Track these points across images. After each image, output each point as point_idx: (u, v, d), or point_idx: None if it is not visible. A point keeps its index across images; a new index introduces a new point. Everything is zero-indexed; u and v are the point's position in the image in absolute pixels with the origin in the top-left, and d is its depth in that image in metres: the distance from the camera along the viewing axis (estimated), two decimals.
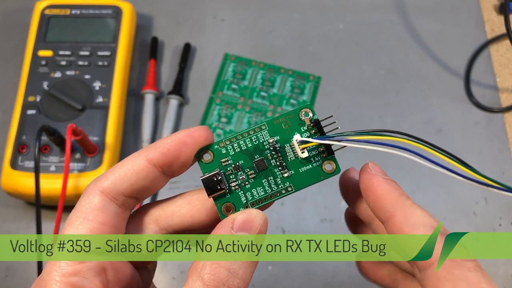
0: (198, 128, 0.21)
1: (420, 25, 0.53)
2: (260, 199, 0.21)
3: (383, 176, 0.21)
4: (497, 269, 0.42)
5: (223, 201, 0.21)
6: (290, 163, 0.22)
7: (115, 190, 0.20)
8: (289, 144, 0.22)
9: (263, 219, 0.20)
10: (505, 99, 0.50)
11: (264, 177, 0.22)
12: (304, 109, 0.22)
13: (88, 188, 0.21)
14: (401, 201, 0.21)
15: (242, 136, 0.22)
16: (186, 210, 0.22)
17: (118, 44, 0.47)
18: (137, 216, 0.22)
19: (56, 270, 0.19)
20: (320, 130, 0.22)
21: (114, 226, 0.20)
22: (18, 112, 0.44)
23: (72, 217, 0.20)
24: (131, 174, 0.20)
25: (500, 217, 0.45)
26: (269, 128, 0.22)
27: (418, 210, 0.20)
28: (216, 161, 0.21)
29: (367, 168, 0.22)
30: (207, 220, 0.22)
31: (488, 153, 0.47)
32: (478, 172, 0.19)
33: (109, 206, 0.20)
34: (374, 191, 0.21)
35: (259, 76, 0.50)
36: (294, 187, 0.22)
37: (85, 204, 0.20)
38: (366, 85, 0.50)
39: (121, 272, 0.20)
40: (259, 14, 0.54)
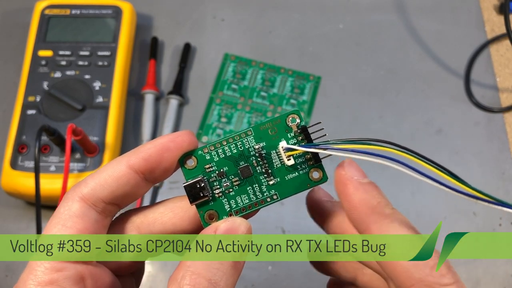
0: (181, 133, 0.20)
1: (420, 25, 0.53)
2: (244, 207, 0.21)
3: (360, 180, 0.20)
4: (497, 269, 0.42)
5: (206, 209, 0.21)
6: (276, 170, 0.21)
7: (95, 196, 0.19)
8: (275, 150, 0.21)
9: (247, 227, 0.20)
10: (505, 99, 0.50)
11: (249, 184, 0.21)
12: (291, 115, 0.21)
13: (67, 194, 0.20)
14: (377, 212, 0.19)
15: (227, 142, 0.21)
16: (168, 217, 0.21)
17: (118, 44, 0.47)
18: (119, 223, 0.21)
19: (32, 279, 0.18)
20: (307, 137, 0.21)
21: (94, 233, 0.19)
22: (18, 112, 0.44)
23: (51, 223, 0.19)
24: (111, 180, 0.20)
25: (500, 217, 0.45)
26: (255, 134, 0.21)
27: (395, 224, 0.19)
28: (199, 167, 0.21)
29: (341, 170, 0.20)
30: (190, 228, 0.21)
31: (488, 153, 0.47)
32: (467, 184, 0.18)
33: (89, 213, 0.19)
34: (348, 199, 0.20)
35: (259, 76, 0.50)
36: (279, 195, 0.21)
37: (64, 211, 0.19)
38: (366, 85, 0.50)
39: (100, 281, 0.20)
40: (259, 14, 0.54)
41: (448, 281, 0.18)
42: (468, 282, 0.42)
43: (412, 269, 0.18)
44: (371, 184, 0.20)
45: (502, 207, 0.18)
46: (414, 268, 0.18)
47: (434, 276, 0.18)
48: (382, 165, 0.22)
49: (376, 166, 0.22)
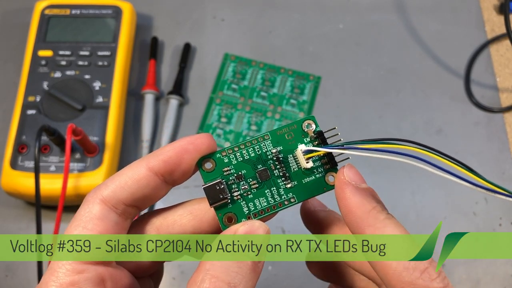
0: (200, 136, 0.21)
1: (420, 25, 0.53)
2: (262, 210, 0.21)
3: (358, 185, 0.20)
4: (497, 269, 0.42)
5: (224, 211, 0.21)
6: (293, 174, 0.21)
7: (115, 198, 0.20)
8: (292, 155, 0.21)
9: (265, 231, 0.20)
10: (505, 99, 0.50)
11: (267, 187, 0.21)
12: (307, 121, 0.22)
13: (88, 196, 0.20)
14: (372, 216, 0.19)
15: (245, 146, 0.21)
16: (187, 219, 0.21)
17: (118, 44, 0.47)
18: (138, 225, 0.22)
19: (54, 280, 0.18)
20: (324, 141, 0.21)
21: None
22: (18, 112, 0.44)
23: (72, 226, 0.19)
24: (131, 182, 0.20)
25: (500, 217, 0.45)
26: (272, 138, 0.21)
27: (389, 228, 0.19)
28: (218, 170, 0.21)
29: (341, 175, 0.20)
30: (209, 230, 0.21)
31: (488, 153, 0.47)
32: (485, 178, 0.19)
33: (109, 215, 0.20)
34: (345, 203, 0.20)
35: (259, 76, 0.50)
36: (297, 198, 0.21)
37: (84, 213, 0.19)
38: (366, 85, 0.50)
39: (120, 283, 0.20)
40: (259, 14, 0.54)
41: (437, 285, 0.18)
42: (468, 282, 0.42)
43: (403, 273, 0.18)
44: (369, 189, 0.20)
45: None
46: (405, 272, 0.18)
47: (424, 280, 0.18)
48: (383, 166, 0.22)
49: (377, 166, 0.22)
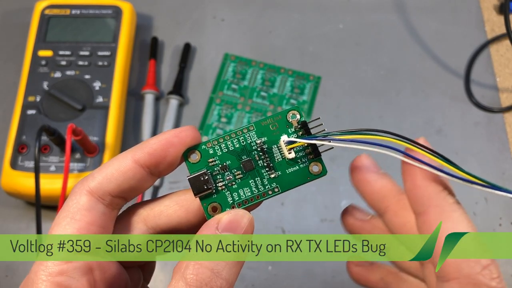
0: (185, 128, 0.21)
1: (420, 25, 0.53)
2: (246, 200, 0.21)
3: (376, 171, 0.21)
4: None
5: (209, 201, 0.21)
6: (277, 164, 0.22)
7: (102, 190, 0.20)
8: (276, 145, 0.22)
9: (249, 219, 0.20)
10: (505, 99, 0.50)
11: (251, 177, 0.22)
12: (291, 111, 0.22)
13: (75, 188, 0.20)
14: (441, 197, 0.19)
15: (230, 137, 0.22)
16: (173, 210, 0.22)
17: (118, 44, 0.47)
18: (125, 216, 0.22)
19: (43, 270, 0.19)
20: (307, 132, 0.22)
21: (102, 226, 0.20)
22: (18, 112, 0.44)
23: (60, 217, 0.20)
24: (117, 174, 0.20)
25: (500, 217, 0.45)
26: (257, 129, 0.22)
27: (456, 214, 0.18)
28: (203, 161, 0.21)
29: (357, 163, 0.21)
30: (195, 220, 0.22)
31: (488, 153, 0.47)
32: (461, 169, 0.19)
33: (96, 206, 0.20)
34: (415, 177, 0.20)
35: (259, 76, 0.50)
36: (280, 188, 0.22)
37: (72, 204, 0.20)
38: (366, 85, 0.50)
39: (108, 272, 0.20)
40: (259, 14, 0.54)
41: (497, 285, 0.17)
42: None
43: (463, 264, 0.17)
44: (386, 173, 0.21)
45: (495, 190, 0.18)
46: (464, 264, 0.17)
47: (484, 276, 0.17)
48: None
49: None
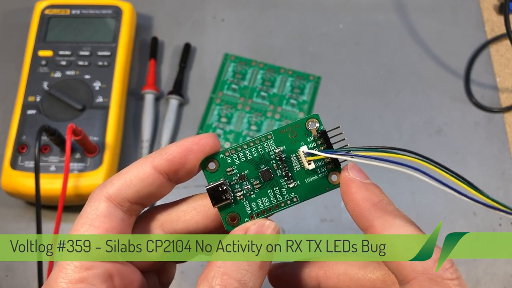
0: (205, 136, 0.21)
1: (420, 25, 0.53)
2: (265, 210, 0.21)
3: (362, 180, 0.20)
4: (497, 269, 0.42)
5: (228, 211, 0.21)
6: (296, 174, 0.21)
7: (121, 196, 0.20)
8: (295, 154, 0.21)
9: (275, 230, 0.20)
10: (505, 99, 0.50)
11: (270, 187, 0.21)
12: (311, 119, 0.22)
13: (93, 194, 0.20)
14: (380, 207, 0.20)
15: (248, 146, 0.21)
16: (191, 215, 0.22)
17: (118, 44, 0.47)
18: (143, 221, 0.22)
19: (62, 277, 0.18)
20: (327, 141, 0.21)
21: (120, 232, 0.20)
22: (18, 112, 0.44)
23: (78, 223, 0.20)
24: (136, 180, 0.20)
25: (500, 217, 0.45)
26: (275, 138, 0.22)
27: (397, 220, 0.19)
28: (221, 170, 0.21)
29: (345, 172, 0.21)
30: (212, 225, 0.22)
31: (488, 153, 0.47)
32: (487, 195, 0.19)
33: (115, 213, 0.20)
34: (351, 197, 0.20)
35: (259, 76, 0.50)
36: (299, 198, 0.21)
37: (91, 211, 0.20)
38: (366, 85, 0.50)
39: (127, 278, 0.20)
40: (259, 14, 0.54)
41: (450, 275, 0.18)
42: (468, 282, 0.42)
43: (416, 262, 0.18)
44: (373, 184, 0.21)
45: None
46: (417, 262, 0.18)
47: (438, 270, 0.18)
48: (383, 167, 0.22)
49: (377, 167, 0.22)
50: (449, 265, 0.18)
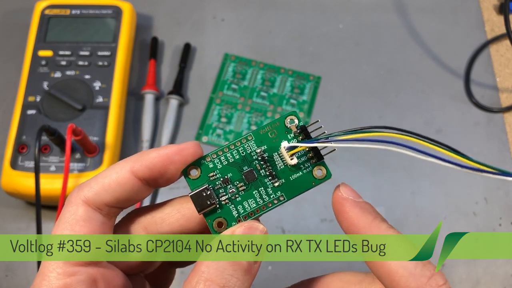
0: (187, 146, 0.20)
1: (420, 25, 0.53)
2: (252, 212, 0.21)
3: (355, 199, 0.20)
4: (497, 269, 0.42)
5: (214, 217, 0.21)
6: (280, 172, 0.21)
7: (99, 201, 0.20)
8: (277, 152, 0.21)
9: (263, 231, 0.20)
10: (505, 99, 0.50)
11: (255, 188, 0.21)
12: (289, 117, 0.21)
13: (70, 197, 0.20)
14: (374, 225, 0.19)
15: (228, 149, 0.21)
16: (175, 218, 0.21)
17: (118, 44, 0.47)
18: (125, 223, 0.22)
19: (45, 285, 0.18)
20: (307, 135, 0.21)
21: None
22: (18, 112, 0.44)
23: (58, 228, 0.19)
24: (115, 185, 0.20)
25: (500, 217, 0.45)
26: (255, 138, 0.21)
27: (392, 237, 0.19)
28: (204, 176, 0.21)
29: (338, 191, 0.20)
30: (197, 228, 0.21)
31: (488, 153, 0.47)
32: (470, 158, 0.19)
33: (94, 216, 0.20)
34: (346, 216, 0.20)
35: (259, 76, 0.50)
36: (286, 196, 0.21)
37: (69, 215, 0.19)
38: (366, 85, 0.50)
39: (112, 282, 0.20)
40: (259, 14, 0.54)
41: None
42: (468, 282, 0.42)
43: (410, 278, 0.18)
44: (367, 202, 0.20)
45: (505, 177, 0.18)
46: (411, 277, 0.18)
47: (431, 286, 0.18)
48: (383, 166, 0.22)
49: (376, 166, 0.22)
50: (442, 282, 0.18)
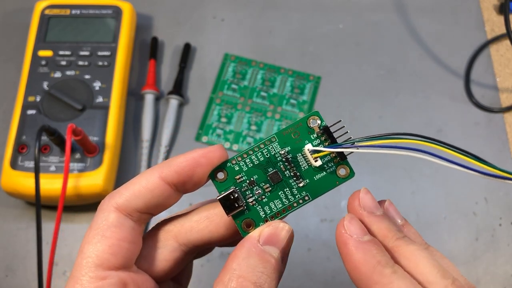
0: (213, 149, 0.21)
1: (420, 25, 0.53)
2: (278, 212, 0.21)
3: (360, 238, 0.20)
4: (497, 269, 0.42)
5: (242, 218, 0.21)
6: (304, 172, 0.22)
7: (130, 207, 0.20)
8: (300, 153, 0.22)
9: (288, 231, 0.21)
10: (505, 99, 0.50)
11: (280, 189, 0.22)
12: (311, 117, 0.22)
13: (102, 204, 0.21)
14: (377, 272, 0.19)
15: (253, 151, 0.22)
16: (204, 225, 0.22)
17: (118, 44, 0.47)
18: (155, 233, 0.22)
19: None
20: (330, 136, 0.22)
21: (132, 241, 0.20)
22: (18, 112, 0.44)
23: (90, 235, 0.20)
24: (145, 191, 0.20)
25: (500, 217, 0.45)
26: (279, 139, 0.22)
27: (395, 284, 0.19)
28: (230, 178, 0.21)
29: (341, 228, 0.20)
30: (227, 233, 0.22)
31: (488, 153, 0.47)
32: (494, 166, 0.19)
33: (125, 222, 0.20)
34: (349, 259, 0.19)
35: (259, 76, 0.50)
36: (311, 196, 0.22)
37: (101, 221, 0.20)
38: (366, 85, 0.50)
39: (142, 287, 0.20)
40: (259, 14, 0.54)
41: None
42: None
43: None
44: (371, 242, 0.20)
45: None
46: None
47: None
48: (383, 166, 0.22)
49: (376, 166, 0.22)
50: None
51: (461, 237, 0.44)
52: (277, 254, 0.20)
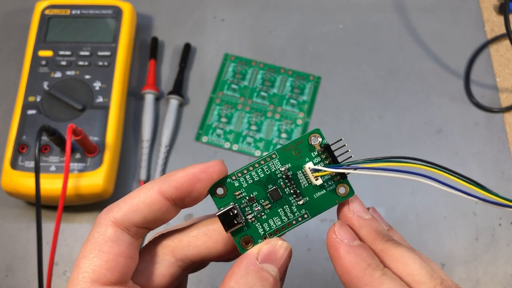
0: (213, 164, 0.21)
1: (420, 25, 0.53)
2: (277, 229, 0.21)
3: (350, 242, 0.20)
4: (497, 269, 0.42)
5: (241, 235, 0.21)
6: (304, 190, 0.22)
7: (128, 221, 0.20)
8: (301, 171, 0.22)
9: (287, 249, 0.20)
10: (505, 99, 0.50)
11: (280, 206, 0.21)
12: (313, 135, 0.22)
13: (100, 218, 0.20)
14: (368, 274, 0.19)
15: (253, 167, 0.21)
16: (202, 240, 0.22)
17: (118, 44, 0.47)
18: (152, 248, 0.22)
19: None
20: (331, 154, 0.21)
21: (129, 256, 0.20)
22: (18, 112, 0.44)
23: (87, 249, 0.20)
24: (143, 206, 0.20)
25: (500, 217, 0.45)
26: (279, 156, 0.22)
27: (385, 285, 0.19)
28: (229, 194, 0.21)
29: (332, 233, 0.21)
30: (224, 250, 0.22)
31: (488, 153, 0.47)
32: (497, 194, 0.19)
33: (123, 237, 0.20)
34: (340, 263, 0.20)
35: (259, 76, 0.50)
36: (310, 214, 0.22)
37: (98, 236, 0.20)
38: (366, 85, 0.50)
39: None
40: (259, 14, 0.54)
41: None
42: (468, 282, 0.42)
43: None
44: (361, 246, 0.20)
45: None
46: None
47: None
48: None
49: None
50: None
51: (461, 237, 0.44)
52: (276, 272, 0.20)
